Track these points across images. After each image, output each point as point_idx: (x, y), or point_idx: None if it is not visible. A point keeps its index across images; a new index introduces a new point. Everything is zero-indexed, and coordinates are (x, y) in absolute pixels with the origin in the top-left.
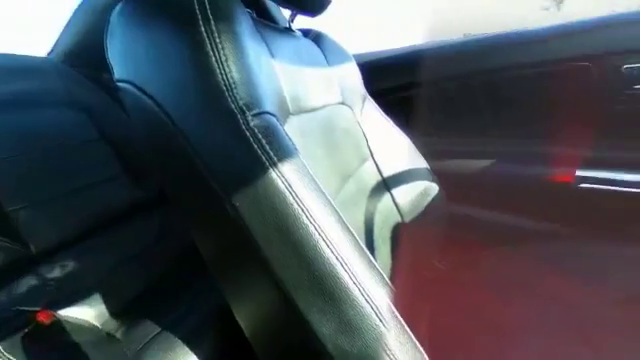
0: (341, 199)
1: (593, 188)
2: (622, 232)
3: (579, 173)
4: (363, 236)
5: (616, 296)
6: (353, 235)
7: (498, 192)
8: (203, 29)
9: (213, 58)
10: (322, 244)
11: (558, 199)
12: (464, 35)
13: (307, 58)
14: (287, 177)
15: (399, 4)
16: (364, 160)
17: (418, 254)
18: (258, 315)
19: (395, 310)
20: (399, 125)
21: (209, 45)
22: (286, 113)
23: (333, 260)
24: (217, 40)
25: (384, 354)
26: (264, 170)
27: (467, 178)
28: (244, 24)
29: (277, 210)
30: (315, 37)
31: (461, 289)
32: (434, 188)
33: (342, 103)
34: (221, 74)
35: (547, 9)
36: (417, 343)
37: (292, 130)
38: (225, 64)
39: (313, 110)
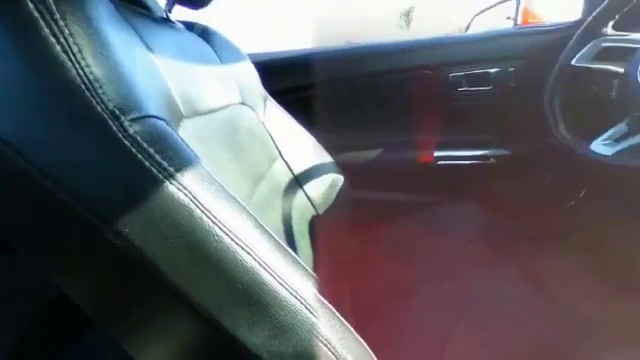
0: (255, 202)
1: (446, 164)
2: (465, 193)
3: (436, 154)
4: (283, 235)
5: (465, 238)
6: (273, 237)
7: (387, 175)
8: (33, 7)
9: (58, 47)
10: (241, 253)
11: (425, 175)
12: (346, 42)
13: (195, 54)
14: (190, 188)
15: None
16: (273, 160)
17: (334, 241)
18: (175, 352)
19: (322, 298)
20: (301, 124)
21: (47, 29)
22: (178, 117)
23: (256, 267)
24: (61, 24)
25: (318, 342)
26: (157, 184)
27: (363, 167)
28: (100, 7)
29: (182, 228)
30: (202, 32)
31: (371, 263)
32: (340, 179)
33: (243, 103)
34: (75, 69)
35: (401, 27)
36: (345, 322)
37: (188, 135)
38: (78, 55)
39: (211, 112)
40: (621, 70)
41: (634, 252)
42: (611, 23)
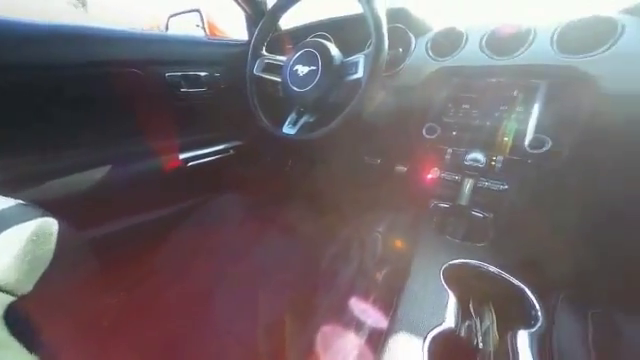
0: None
1: (195, 164)
2: (222, 185)
3: (182, 156)
4: None
5: (237, 223)
6: None
7: (132, 193)
8: None
9: None
10: None
11: (179, 180)
12: None
13: None
14: None
15: None
16: None
17: (81, 309)
18: None
19: None
20: None
21: None
22: None
23: None
24: None
25: None
26: None
27: (91, 192)
28: None
29: None
30: None
31: (157, 294)
32: (49, 223)
33: None
34: None
35: (76, 7)
36: None
37: None
38: None
39: None
40: (279, 79)
41: (328, 189)
42: (264, 47)
